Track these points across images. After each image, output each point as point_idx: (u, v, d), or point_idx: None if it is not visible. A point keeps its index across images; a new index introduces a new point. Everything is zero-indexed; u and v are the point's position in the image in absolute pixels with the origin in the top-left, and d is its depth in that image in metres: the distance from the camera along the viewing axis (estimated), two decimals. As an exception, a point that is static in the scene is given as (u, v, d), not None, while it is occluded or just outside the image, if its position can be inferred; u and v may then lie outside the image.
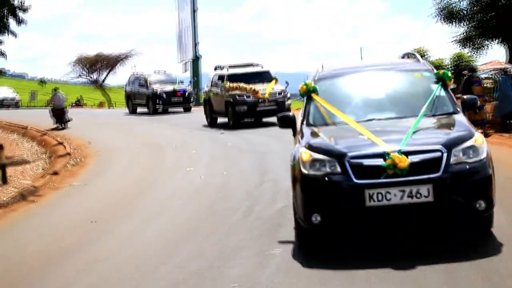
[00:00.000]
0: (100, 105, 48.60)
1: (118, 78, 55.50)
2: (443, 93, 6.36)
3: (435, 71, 6.65)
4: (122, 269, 6.06)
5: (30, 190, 10.79)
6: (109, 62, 53.80)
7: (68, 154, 14.78)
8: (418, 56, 7.27)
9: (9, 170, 12.72)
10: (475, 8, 21.15)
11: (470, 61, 22.92)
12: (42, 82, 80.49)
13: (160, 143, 15.81)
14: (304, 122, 6.41)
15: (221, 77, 20.05)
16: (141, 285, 5.55)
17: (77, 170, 12.99)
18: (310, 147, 5.68)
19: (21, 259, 6.78)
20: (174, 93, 26.15)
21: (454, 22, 21.83)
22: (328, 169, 5.45)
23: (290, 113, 6.90)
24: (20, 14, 16.63)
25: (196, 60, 43.33)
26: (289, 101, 19.61)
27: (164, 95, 25.98)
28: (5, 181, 11.93)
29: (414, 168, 5.21)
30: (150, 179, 11.29)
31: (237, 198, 8.81)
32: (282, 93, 19.29)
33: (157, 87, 26.18)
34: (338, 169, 5.39)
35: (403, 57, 7.71)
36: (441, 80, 6.44)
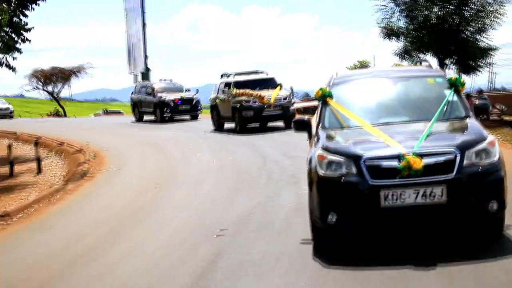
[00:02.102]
0: (56, 113, 50.53)
1: (73, 91, 57.44)
2: (455, 98, 6.54)
3: (447, 77, 6.83)
4: (203, 204, 9.24)
5: (83, 172, 13.11)
6: (64, 75, 55.20)
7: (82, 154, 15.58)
8: (431, 63, 7.46)
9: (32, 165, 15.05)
10: (410, 26, 25.70)
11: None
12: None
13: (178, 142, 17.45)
14: (320, 126, 6.58)
15: (227, 84, 20.48)
16: (222, 208, 8.73)
17: (102, 160, 14.96)
18: (326, 149, 5.84)
19: (113, 212, 9.38)
20: (181, 101, 26.34)
21: (393, 38, 26.17)
22: (344, 170, 5.60)
23: (305, 117, 7.09)
24: (24, 33, 17.59)
25: (146, 72, 45.07)
26: (293, 106, 19.94)
27: (172, 103, 26.17)
28: (40, 171, 14.25)
29: (428, 169, 5.37)
30: (179, 164, 13.73)
31: (254, 171, 11.71)
32: (287, 99, 19.66)
33: (164, 95, 26.39)
34: (354, 170, 5.55)
35: (415, 64, 7.89)
36: (454, 86, 6.62)
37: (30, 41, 17.35)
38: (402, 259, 5.48)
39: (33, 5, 17.47)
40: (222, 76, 21.77)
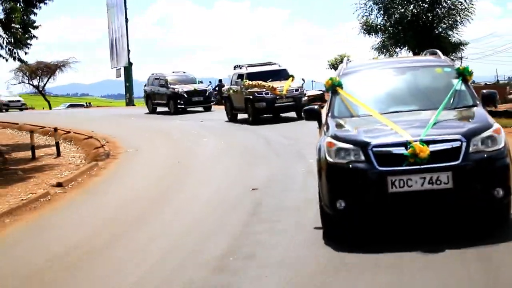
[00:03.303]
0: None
1: (57, 84, 58.58)
2: (463, 87, 6.64)
3: (455, 66, 6.92)
4: (228, 173, 10.81)
5: (106, 152, 14.39)
6: (49, 69, 55.96)
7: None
8: (440, 53, 7.55)
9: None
10: (387, 23, 28.64)
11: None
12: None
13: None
14: (329, 115, 6.71)
15: (240, 76, 20.68)
16: (246, 175, 10.28)
17: (115, 144, 16.02)
18: (335, 137, 5.98)
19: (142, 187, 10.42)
20: (194, 92, 26.52)
21: (372, 34, 29.07)
22: (352, 157, 5.73)
23: (315, 107, 7.22)
24: (32, 30, 18.23)
25: (129, 66, 46.76)
26: (305, 97, 20.10)
27: (185, 95, 26.36)
28: (59, 154, 15.48)
29: (435, 156, 5.48)
30: (190, 145, 15.10)
31: (262, 149, 13.31)
32: (299, 90, 19.82)
33: (178, 87, 26.58)
34: (362, 157, 5.67)
35: (425, 54, 7.98)
36: (461, 75, 6.72)
37: (37, 38, 18.07)
38: (410, 243, 5.62)
39: (41, 4, 18.17)
40: (235, 67, 22.01)
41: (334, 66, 44.53)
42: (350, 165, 5.72)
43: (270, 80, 19.93)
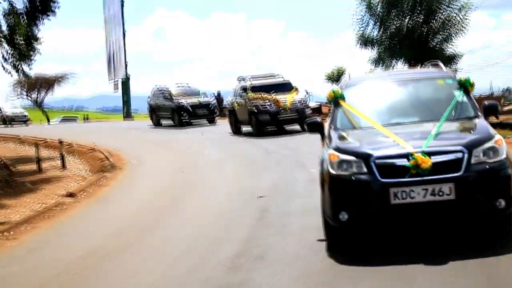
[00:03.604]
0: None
1: (53, 97, 60.37)
2: (465, 98, 6.68)
3: (457, 78, 6.97)
4: (234, 181, 11.56)
5: (112, 164, 14.77)
6: (48, 83, 56.43)
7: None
8: (441, 64, 7.60)
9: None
10: (383, 36, 29.64)
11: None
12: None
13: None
14: (332, 127, 6.75)
15: (244, 88, 20.68)
16: (251, 182, 10.97)
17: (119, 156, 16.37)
18: (338, 149, 6.01)
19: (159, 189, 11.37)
20: (199, 105, 26.61)
21: (369, 47, 30.01)
22: (354, 169, 5.75)
23: (318, 119, 7.27)
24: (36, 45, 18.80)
25: (126, 79, 47.13)
26: (309, 110, 20.10)
27: (190, 108, 26.44)
28: (64, 166, 15.80)
29: (437, 167, 5.50)
30: (191, 156, 15.66)
31: (264, 156, 14.33)
32: (303, 102, 19.83)
33: (182, 100, 26.68)
34: (364, 169, 5.70)
35: (427, 66, 8.04)
36: (463, 87, 6.77)
37: (40, 53, 18.62)
38: (413, 255, 5.65)
39: (44, 19, 18.69)
40: (238, 79, 21.98)
41: (331, 79, 44.62)
42: (353, 177, 5.75)
43: (273, 92, 19.94)
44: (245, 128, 20.78)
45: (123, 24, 47.06)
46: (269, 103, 19.39)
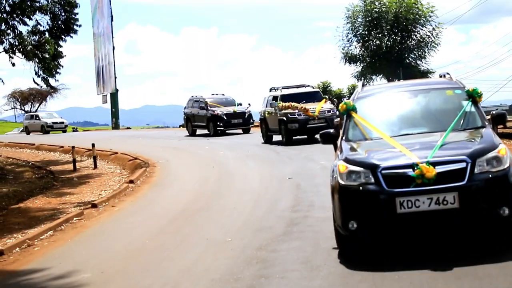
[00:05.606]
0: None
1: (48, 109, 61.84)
2: (473, 108, 6.80)
3: (466, 88, 7.09)
4: (262, 169, 13.98)
5: (144, 162, 16.33)
6: (41, 95, 57.75)
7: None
8: (451, 75, 7.72)
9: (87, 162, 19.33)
10: (365, 53, 34.08)
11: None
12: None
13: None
14: (344, 138, 6.97)
15: (275, 98, 21.07)
16: (276, 170, 13.53)
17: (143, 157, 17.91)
18: (347, 160, 6.22)
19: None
20: (234, 114, 26.96)
21: (352, 63, 34.78)
22: (363, 180, 5.96)
23: (331, 130, 7.49)
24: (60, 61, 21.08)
25: (115, 92, 48.27)
26: (337, 119, 20.23)
27: (225, 117, 26.83)
28: (95, 166, 17.99)
29: (441, 177, 5.66)
30: (211, 156, 17.41)
31: (274, 157, 16.17)
32: (331, 111, 20.06)
33: (217, 109, 27.07)
34: (372, 179, 5.89)
35: (440, 77, 8.16)
36: (471, 97, 6.89)
37: (62, 66, 20.98)
38: (418, 262, 5.79)
39: (67, 37, 20.97)
40: (270, 90, 22.41)
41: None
42: (361, 187, 5.94)
43: (303, 101, 20.30)
44: (276, 137, 21.05)
45: (112, 39, 48.52)
46: (298, 112, 19.72)
